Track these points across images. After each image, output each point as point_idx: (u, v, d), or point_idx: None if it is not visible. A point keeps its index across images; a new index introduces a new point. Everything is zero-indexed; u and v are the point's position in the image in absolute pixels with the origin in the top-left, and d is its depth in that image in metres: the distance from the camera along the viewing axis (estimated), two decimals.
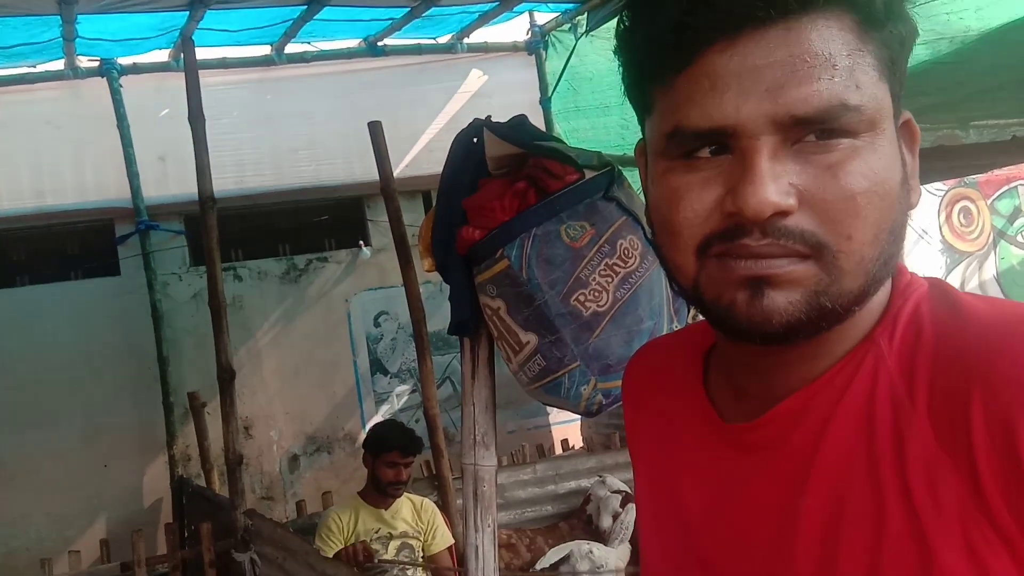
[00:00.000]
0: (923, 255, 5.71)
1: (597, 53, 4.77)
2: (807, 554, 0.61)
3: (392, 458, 3.29)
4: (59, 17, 3.70)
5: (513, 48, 5.37)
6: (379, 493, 3.35)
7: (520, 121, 1.82)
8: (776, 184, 0.56)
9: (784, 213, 0.56)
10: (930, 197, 5.79)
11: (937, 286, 0.64)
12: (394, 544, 3.30)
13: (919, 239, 5.72)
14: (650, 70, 0.62)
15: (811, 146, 0.57)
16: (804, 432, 0.63)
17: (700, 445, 0.72)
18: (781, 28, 0.56)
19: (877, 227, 0.58)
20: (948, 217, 5.84)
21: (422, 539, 3.38)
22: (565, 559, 3.41)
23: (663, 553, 0.77)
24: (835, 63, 0.56)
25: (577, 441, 5.02)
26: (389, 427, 3.52)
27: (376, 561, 3.14)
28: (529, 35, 5.36)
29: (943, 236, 5.83)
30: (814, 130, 0.57)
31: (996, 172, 5.66)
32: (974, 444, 0.53)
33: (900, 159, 0.61)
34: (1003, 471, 0.52)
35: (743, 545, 0.66)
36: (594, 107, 4.92)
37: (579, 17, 4.89)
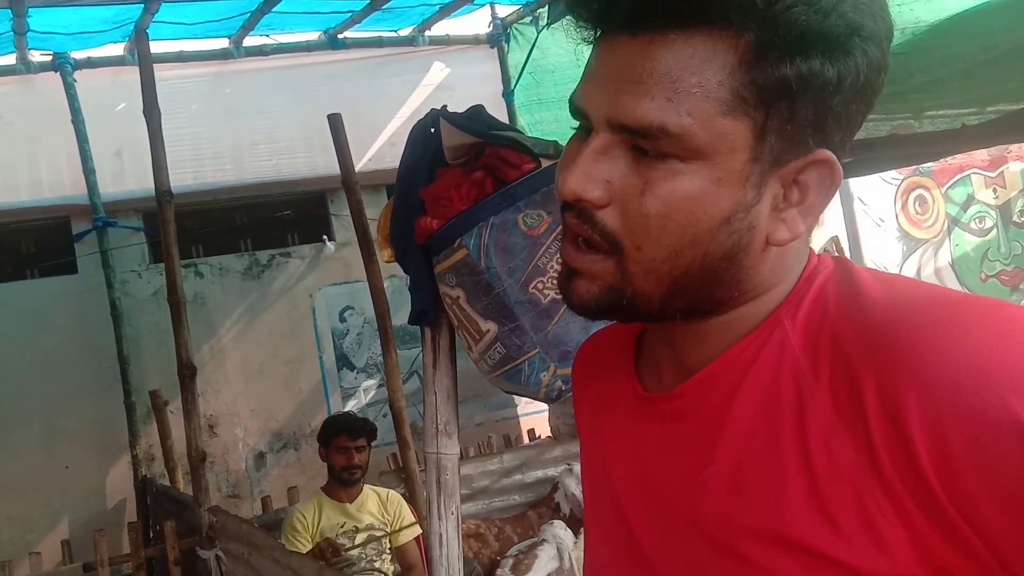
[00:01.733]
0: (880, 243, 5.82)
1: (559, 45, 4.78)
2: (713, 518, 0.64)
3: (340, 443, 3.37)
4: (9, 11, 3.62)
5: (475, 41, 5.35)
6: (339, 484, 3.38)
7: (477, 111, 1.83)
8: (588, 176, 0.61)
9: (593, 203, 0.62)
10: (886, 186, 5.89)
11: (842, 266, 0.67)
12: (360, 537, 3.30)
13: (876, 227, 5.83)
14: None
15: (647, 158, 0.60)
16: (712, 403, 0.66)
17: (626, 417, 0.76)
18: (645, 40, 0.59)
19: (672, 249, 0.61)
20: (904, 205, 5.96)
21: (389, 531, 3.38)
22: (540, 542, 3.45)
23: (601, 530, 0.79)
24: (677, 87, 0.58)
25: (544, 431, 5.04)
26: (336, 416, 3.75)
27: (343, 554, 3.14)
28: (491, 28, 5.35)
29: (899, 224, 5.94)
30: (645, 143, 0.60)
31: (949, 161, 5.78)
32: (869, 421, 0.56)
33: (744, 196, 0.61)
34: (895, 449, 0.55)
35: (659, 513, 0.70)
36: (557, 99, 4.93)
37: (540, 10, 4.90)
